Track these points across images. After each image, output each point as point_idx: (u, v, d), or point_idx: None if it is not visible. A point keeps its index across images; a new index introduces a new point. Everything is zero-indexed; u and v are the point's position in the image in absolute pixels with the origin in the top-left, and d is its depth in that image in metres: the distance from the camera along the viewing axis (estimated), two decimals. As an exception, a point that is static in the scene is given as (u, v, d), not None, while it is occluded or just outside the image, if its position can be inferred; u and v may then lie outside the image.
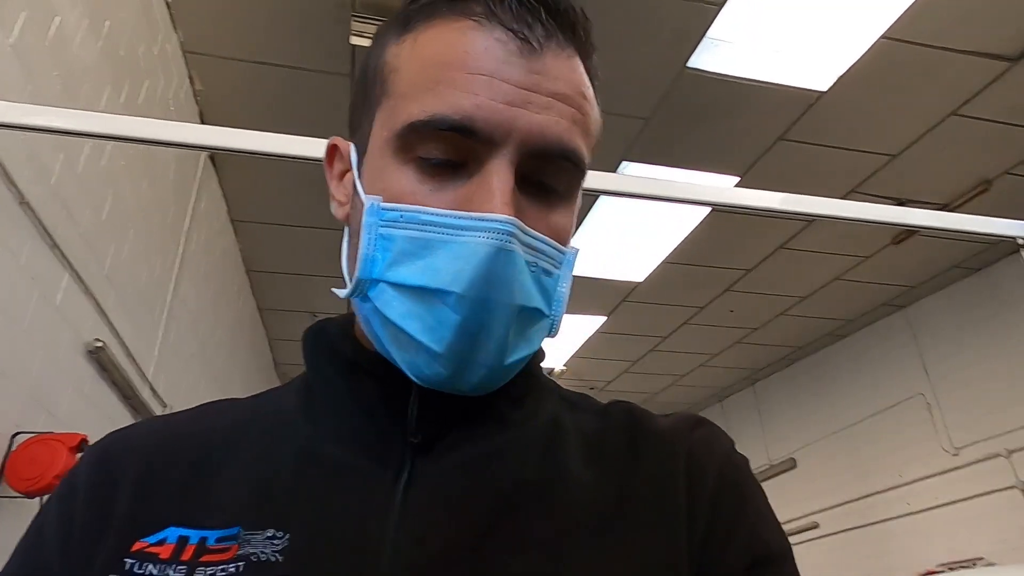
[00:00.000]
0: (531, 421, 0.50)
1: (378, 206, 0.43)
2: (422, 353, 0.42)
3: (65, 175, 1.96)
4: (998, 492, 4.50)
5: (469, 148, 0.42)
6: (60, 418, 2.00)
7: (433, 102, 0.42)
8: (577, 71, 0.46)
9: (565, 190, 0.46)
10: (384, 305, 0.43)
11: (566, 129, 0.44)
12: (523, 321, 0.43)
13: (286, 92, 3.07)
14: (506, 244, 0.40)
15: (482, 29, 0.43)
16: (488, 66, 0.42)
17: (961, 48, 2.92)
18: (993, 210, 3.89)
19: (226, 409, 0.53)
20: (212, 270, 3.73)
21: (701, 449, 0.50)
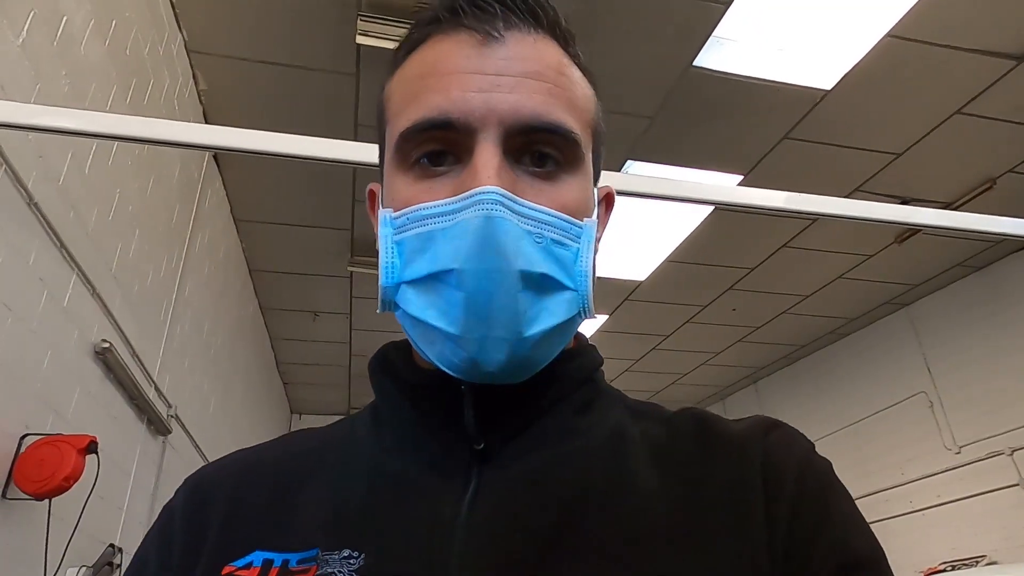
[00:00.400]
0: (596, 429, 0.49)
1: (389, 217, 0.47)
2: (445, 341, 0.43)
3: (73, 175, 1.96)
4: (1001, 490, 4.51)
5: (455, 141, 0.45)
6: (68, 419, 2.00)
7: (415, 110, 0.45)
8: (547, 52, 0.47)
9: (565, 162, 0.46)
10: (407, 304, 0.45)
11: (541, 102, 0.45)
12: (534, 289, 0.43)
13: (291, 92, 3.06)
14: (493, 211, 0.41)
15: (448, 36, 0.47)
16: (456, 64, 0.45)
17: (966, 46, 2.91)
18: (998, 208, 3.90)
19: (303, 437, 0.56)
20: (215, 270, 3.72)
21: (777, 452, 0.47)
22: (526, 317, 0.43)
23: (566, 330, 0.46)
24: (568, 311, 0.45)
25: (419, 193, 0.45)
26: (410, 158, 0.46)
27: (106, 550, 2.19)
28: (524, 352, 0.43)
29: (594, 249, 0.47)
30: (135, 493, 2.58)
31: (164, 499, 2.36)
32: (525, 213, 0.43)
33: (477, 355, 0.42)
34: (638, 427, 0.51)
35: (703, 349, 6.07)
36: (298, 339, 5.65)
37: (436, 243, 0.43)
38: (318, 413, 7.41)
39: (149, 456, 2.76)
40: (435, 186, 0.45)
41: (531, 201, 0.44)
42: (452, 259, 0.42)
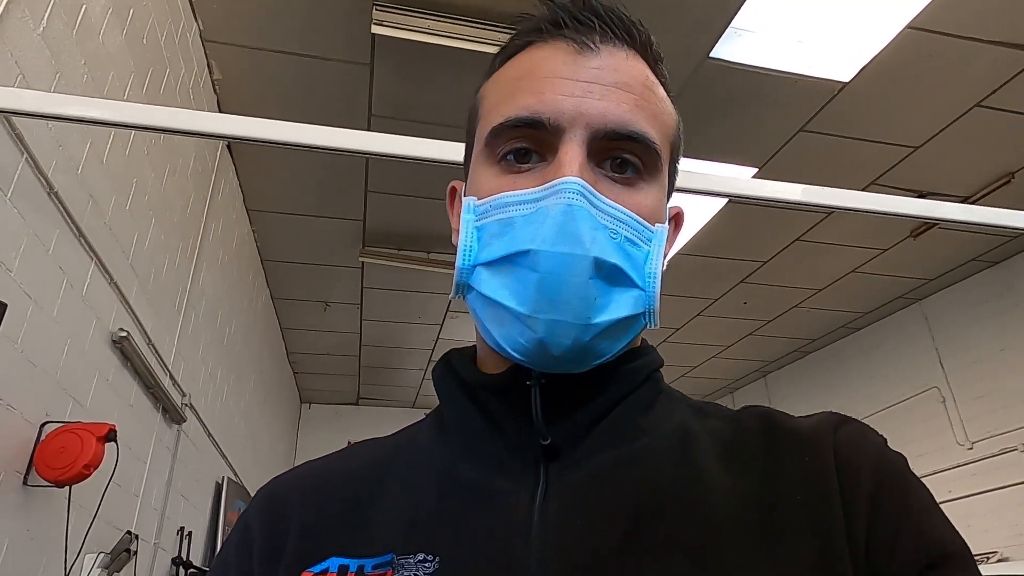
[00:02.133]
0: (662, 427, 0.50)
1: (472, 204, 0.49)
2: (515, 322, 0.44)
3: (91, 164, 1.96)
4: (1013, 487, 4.48)
5: (543, 139, 0.47)
6: (87, 407, 2.01)
7: (509, 108, 0.48)
8: (636, 67, 0.50)
9: (644, 170, 0.48)
10: (481, 284, 0.47)
11: (628, 111, 0.47)
12: (605, 279, 0.44)
13: (305, 82, 3.06)
14: (573, 200, 0.43)
15: (546, 44, 0.50)
16: (551, 69, 0.48)
17: (987, 39, 2.87)
18: (1015, 203, 3.86)
19: (372, 447, 0.58)
20: (229, 259, 3.74)
21: (850, 448, 0.47)
22: (595, 304, 0.44)
23: (631, 326, 0.47)
24: (635, 307, 0.46)
25: (504, 184, 0.48)
26: (498, 153, 0.48)
27: (123, 537, 2.21)
28: (589, 339, 0.44)
29: (663, 256, 0.49)
30: (151, 480, 2.60)
31: (179, 486, 2.41)
32: (603, 208, 0.45)
33: (544, 336, 0.43)
34: (703, 425, 0.51)
35: (713, 342, 6.06)
36: (309, 329, 5.67)
37: (515, 228, 0.45)
38: (328, 403, 7.45)
39: (164, 444, 2.78)
40: (519, 180, 0.47)
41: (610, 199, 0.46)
42: (529, 240, 0.44)
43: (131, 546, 2.23)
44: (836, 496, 0.44)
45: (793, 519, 0.44)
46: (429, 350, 6.12)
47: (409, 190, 3.81)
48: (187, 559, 3.08)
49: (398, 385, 7.06)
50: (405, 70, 3.00)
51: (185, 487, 3.10)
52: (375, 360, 6.39)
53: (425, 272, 4.54)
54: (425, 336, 5.82)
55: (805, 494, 0.45)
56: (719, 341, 6.04)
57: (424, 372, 6.67)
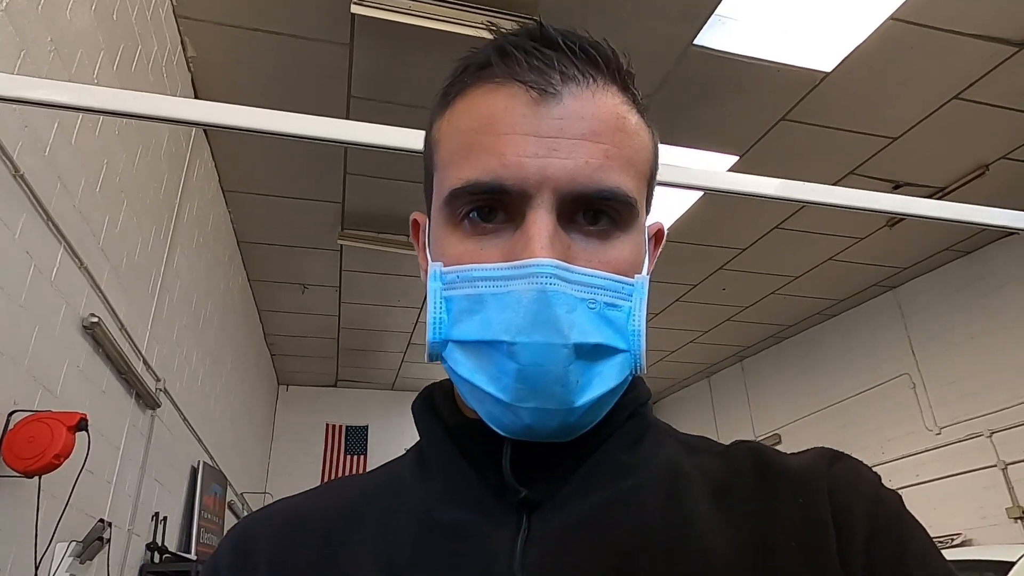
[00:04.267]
0: (648, 466, 0.48)
1: (439, 271, 0.46)
2: (497, 405, 0.43)
3: (60, 146, 1.90)
4: (979, 471, 4.61)
5: (508, 203, 0.44)
6: (57, 394, 1.97)
7: (468, 169, 0.44)
8: (605, 105, 0.45)
9: (620, 220, 0.45)
10: (455, 364, 0.45)
11: (598, 167, 0.44)
12: (588, 359, 0.43)
13: (282, 61, 2.99)
14: (548, 286, 0.41)
15: (502, 89, 0.45)
16: (511, 123, 0.44)
17: (968, 31, 2.89)
18: (989, 194, 3.93)
19: (349, 484, 0.54)
20: (204, 241, 3.67)
21: (844, 487, 0.45)
22: (577, 387, 0.42)
23: (617, 392, 0.45)
24: (621, 373, 0.45)
25: (469, 252, 0.45)
26: (459, 214, 0.45)
27: (96, 525, 2.19)
28: (575, 420, 0.43)
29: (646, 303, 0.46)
30: (124, 467, 2.56)
31: (153, 472, 2.37)
32: (579, 280, 0.43)
33: (529, 422, 0.42)
34: (692, 462, 0.49)
35: (692, 327, 6.11)
36: (287, 311, 5.61)
37: (487, 308, 0.43)
38: (306, 384, 7.41)
39: (138, 430, 2.74)
40: (486, 245, 0.44)
41: (584, 262, 0.44)
42: (505, 330, 0.41)
43: (104, 534, 2.20)
44: (831, 540, 0.43)
45: (788, 564, 0.43)
46: (408, 333, 6.09)
47: (389, 173, 3.76)
48: (162, 544, 3.05)
49: (377, 367, 7.03)
50: (385, 51, 2.94)
51: (160, 472, 3.07)
52: (354, 343, 6.35)
53: (404, 255, 4.50)
54: (404, 319, 5.80)
55: (800, 538, 0.44)
56: (697, 326, 6.09)
57: (403, 355, 6.65)
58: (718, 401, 7.24)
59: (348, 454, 7.29)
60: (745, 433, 6.71)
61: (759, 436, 6.54)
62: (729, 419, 7.05)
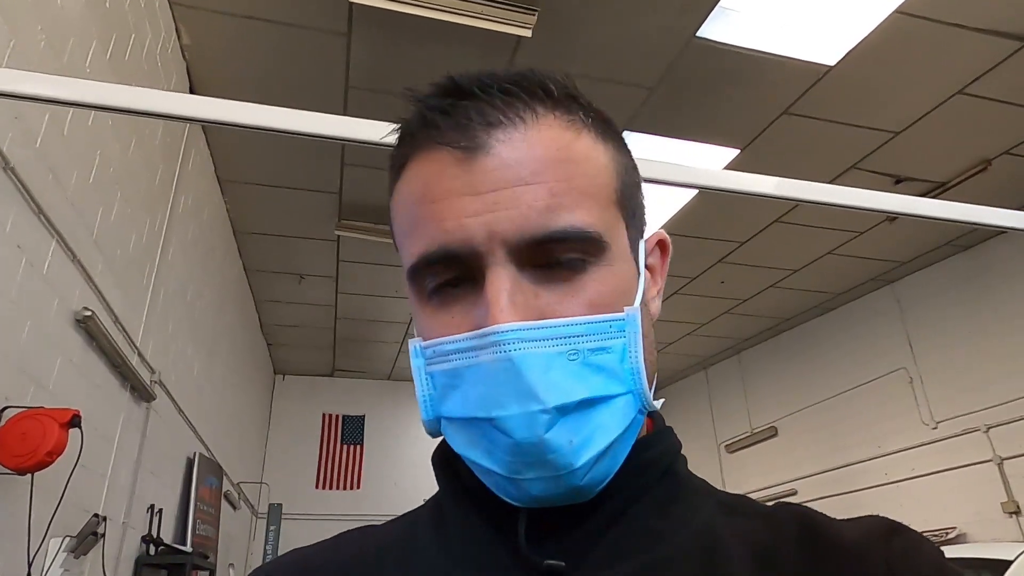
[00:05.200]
0: (682, 532, 0.44)
1: (419, 347, 0.44)
2: (499, 479, 0.41)
3: (51, 138, 1.87)
4: (974, 466, 4.62)
5: (465, 267, 0.42)
6: (50, 390, 1.95)
7: (417, 243, 0.43)
8: (541, 142, 0.42)
9: (589, 256, 0.42)
10: (451, 439, 0.43)
11: (545, 209, 0.41)
12: (579, 414, 0.40)
13: (279, 50, 2.94)
14: (512, 351, 0.38)
15: (431, 155, 0.43)
16: (445, 187, 0.42)
17: (974, 26, 2.86)
18: (991, 189, 3.91)
19: (364, 538, 0.51)
20: (200, 232, 3.63)
21: (904, 564, 0.41)
22: (573, 447, 0.39)
23: (626, 436, 0.42)
24: (624, 419, 0.41)
25: (440, 325, 0.43)
26: (426, 288, 0.43)
27: (90, 520, 2.17)
28: (580, 481, 0.40)
29: (643, 333, 0.43)
30: (119, 460, 2.55)
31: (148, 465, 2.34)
32: (550, 335, 0.39)
33: (533, 491, 0.40)
34: (731, 526, 0.45)
35: (689, 320, 6.10)
36: (283, 301, 5.58)
37: (465, 382, 0.41)
38: (303, 374, 7.39)
39: (133, 423, 2.72)
40: (456, 315, 0.42)
41: (559, 308, 0.41)
42: (481, 406, 0.39)
43: (98, 528, 2.18)
44: None
45: None
46: (405, 324, 6.07)
47: (386, 164, 3.72)
48: (158, 536, 3.05)
49: (374, 358, 7.02)
50: (383, 41, 2.90)
51: (155, 465, 3.05)
52: (350, 333, 6.33)
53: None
54: (401, 310, 5.77)
55: None
56: (695, 319, 6.08)
57: (400, 345, 6.63)
58: (715, 393, 7.24)
59: (345, 444, 7.29)
60: (741, 427, 6.72)
61: (755, 428, 6.55)
62: (725, 411, 7.06)
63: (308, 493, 6.92)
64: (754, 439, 6.54)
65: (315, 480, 7.05)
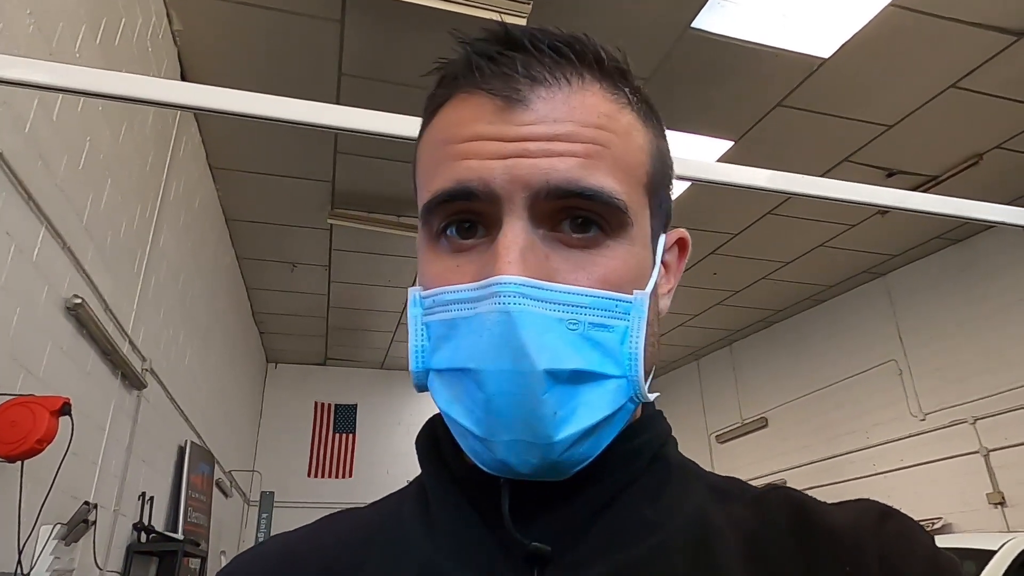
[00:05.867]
0: (673, 520, 0.42)
1: (418, 296, 0.43)
2: (475, 440, 0.39)
3: (40, 123, 1.85)
4: (961, 457, 4.67)
5: (482, 213, 0.40)
6: (40, 377, 1.94)
7: (436, 181, 0.41)
8: (582, 105, 0.41)
9: (610, 227, 0.40)
10: (435, 395, 0.42)
11: (576, 165, 0.39)
12: (567, 387, 0.38)
13: (272, 36, 2.92)
14: (511, 305, 0.37)
15: (468, 99, 0.42)
16: (476, 130, 0.41)
17: (968, 19, 2.86)
18: (982, 184, 3.92)
19: (348, 521, 0.50)
20: (191, 219, 3.61)
21: (897, 551, 0.40)
22: (555, 419, 0.37)
23: (613, 421, 0.41)
24: (613, 403, 0.40)
25: (446, 272, 0.41)
26: (436, 231, 0.42)
27: (80, 507, 2.17)
28: (557, 456, 0.38)
29: (648, 322, 0.41)
30: (110, 448, 2.54)
31: (139, 452, 2.35)
32: (554, 299, 0.38)
33: (506, 457, 0.38)
34: (722, 512, 0.44)
35: (682, 311, 6.12)
36: (276, 289, 5.57)
37: (459, 334, 0.39)
38: (295, 362, 7.39)
39: (124, 411, 2.71)
40: (463, 264, 0.41)
41: (569, 276, 0.39)
42: (470, 357, 0.38)
43: (89, 516, 2.18)
44: None
45: None
46: (398, 312, 6.07)
47: (380, 152, 3.71)
48: (149, 524, 3.05)
49: (366, 346, 7.01)
50: (377, 28, 2.88)
51: (146, 452, 3.05)
52: (343, 322, 6.32)
53: (395, 235, 4.46)
54: (394, 299, 5.77)
55: None
56: (687, 310, 6.10)
57: (393, 334, 6.63)
58: (706, 384, 7.29)
59: (337, 432, 7.30)
60: (732, 418, 6.77)
61: (746, 419, 6.60)
62: (717, 402, 7.10)
63: (300, 481, 6.93)
64: (745, 430, 6.59)
65: (307, 468, 7.06)
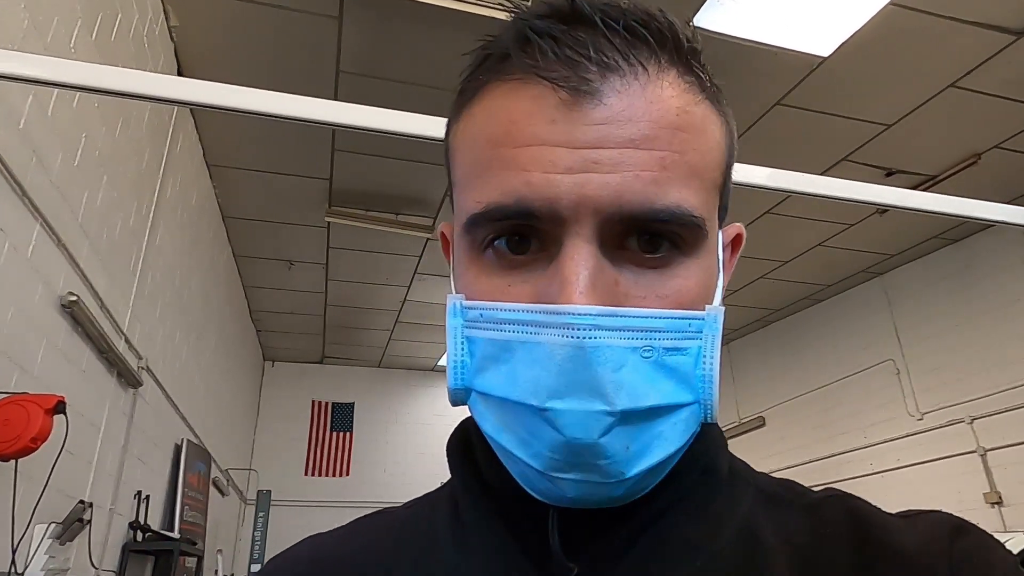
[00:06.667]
0: (720, 536, 0.39)
1: (460, 305, 0.38)
2: (531, 471, 0.36)
3: (35, 119, 1.83)
4: (958, 456, 4.67)
5: (540, 230, 0.36)
6: (34, 375, 1.93)
7: (487, 190, 0.36)
8: (660, 100, 0.36)
9: (684, 246, 0.37)
10: (479, 417, 0.38)
11: (652, 182, 0.35)
12: (642, 423, 0.35)
13: (269, 33, 2.90)
14: (585, 340, 0.33)
15: (525, 88, 0.36)
16: (536, 133, 0.35)
17: (967, 19, 2.85)
18: (981, 183, 3.92)
19: (377, 526, 0.47)
20: (188, 216, 3.60)
21: (970, 572, 0.36)
22: (627, 454, 0.34)
23: (683, 449, 0.38)
24: (686, 431, 0.37)
25: (495, 285, 0.37)
26: (484, 243, 0.37)
27: (76, 506, 2.15)
28: (626, 491, 0.36)
29: (720, 339, 0.38)
30: (106, 446, 2.53)
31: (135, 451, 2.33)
32: (629, 325, 0.34)
33: (571, 495, 0.35)
34: (773, 523, 0.41)
35: (679, 310, 6.12)
36: (273, 287, 5.55)
37: (515, 359, 0.35)
38: (292, 361, 7.37)
39: (119, 409, 2.70)
40: (515, 282, 0.37)
41: (637, 300, 0.35)
42: (534, 393, 0.34)
43: (84, 515, 2.17)
44: None
45: None
46: (396, 311, 6.06)
47: (378, 150, 3.69)
48: (145, 523, 3.03)
49: (364, 345, 7.00)
50: (376, 25, 2.87)
51: (142, 451, 3.03)
52: (340, 320, 6.31)
53: (392, 233, 4.45)
54: (392, 297, 5.75)
55: None
56: (685, 309, 6.10)
57: (390, 333, 6.62)
58: (704, 383, 7.29)
59: (334, 431, 7.28)
60: (729, 417, 6.77)
61: (743, 418, 6.60)
62: (714, 401, 7.09)
63: (297, 480, 6.92)
64: (742, 429, 6.59)
65: (304, 467, 7.05)
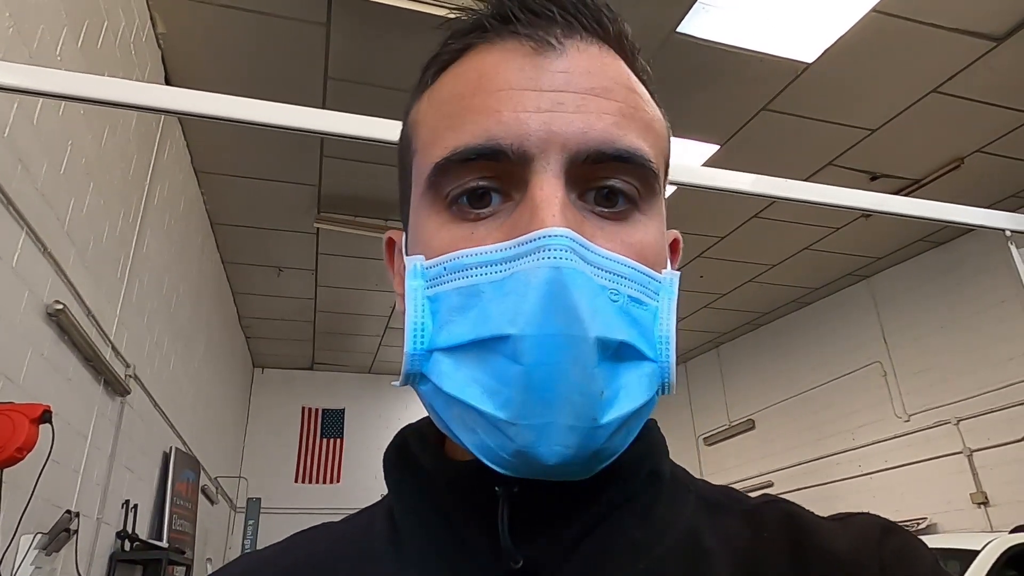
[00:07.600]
0: (663, 541, 0.39)
1: (420, 266, 0.36)
2: (493, 431, 0.33)
3: (20, 126, 1.82)
4: (945, 457, 4.72)
5: (506, 173, 0.35)
6: (20, 384, 1.91)
7: (454, 136, 0.36)
8: (614, 65, 0.39)
9: (640, 198, 0.37)
10: (440, 378, 0.35)
11: (613, 124, 0.36)
12: (613, 362, 0.34)
13: (257, 40, 2.90)
14: (562, 260, 0.32)
15: (493, 46, 0.38)
16: (505, 78, 0.36)
17: (949, 25, 2.90)
18: (964, 187, 3.98)
19: (315, 539, 0.46)
20: (176, 223, 3.58)
21: (898, 571, 0.37)
22: (603, 399, 0.33)
23: (643, 414, 0.36)
24: (649, 389, 0.35)
25: (458, 239, 0.36)
26: (447, 195, 0.36)
27: (62, 516, 2.14)
28: (597, 444, 0.33)
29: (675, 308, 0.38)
30: (93, 456, 2.51)
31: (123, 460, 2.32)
32: (600, 263, 0.34)
33: (534, 447, 0.32)
34: (714, 528, 0.41)
35: (669, 314, 6.14)
36: (262, 294, 5.53)
37: (484, 300, 0.34)
38: (282, 367, 7.34)
39: (106, 418, 2.68)
40: (479, 231, 0.36)
41: (605, 246, 0.35)
42: (508, 322, 0.32)
43: (71, 525, 2.15)
44: None
45: None
46: (386, 316, 6.05)
47: (366, 156, 3.70)
48: (132, 532, 3.01)
49: (354, 351, 6.98)
50: (364, 32, 2.87)
51: (130, 460, 3.01)
52: (330, 326, 6.29)
53: (382, 239, 4.44)
54: (382, 302, 5.75)
55: None
56: (674, 313, 6.13)
57: (380, 339, 6.60)
58: (694, 387, 7.31)
59: (324, 437, 7.25)
60: (719, 420, 6.80)
61: (733, 421, 6.63)
62: (704, 405, 7.13)
63: (287, 487, 6.88)
64: (732, 432, 6.62)
65: (294, 474, 7.01)
